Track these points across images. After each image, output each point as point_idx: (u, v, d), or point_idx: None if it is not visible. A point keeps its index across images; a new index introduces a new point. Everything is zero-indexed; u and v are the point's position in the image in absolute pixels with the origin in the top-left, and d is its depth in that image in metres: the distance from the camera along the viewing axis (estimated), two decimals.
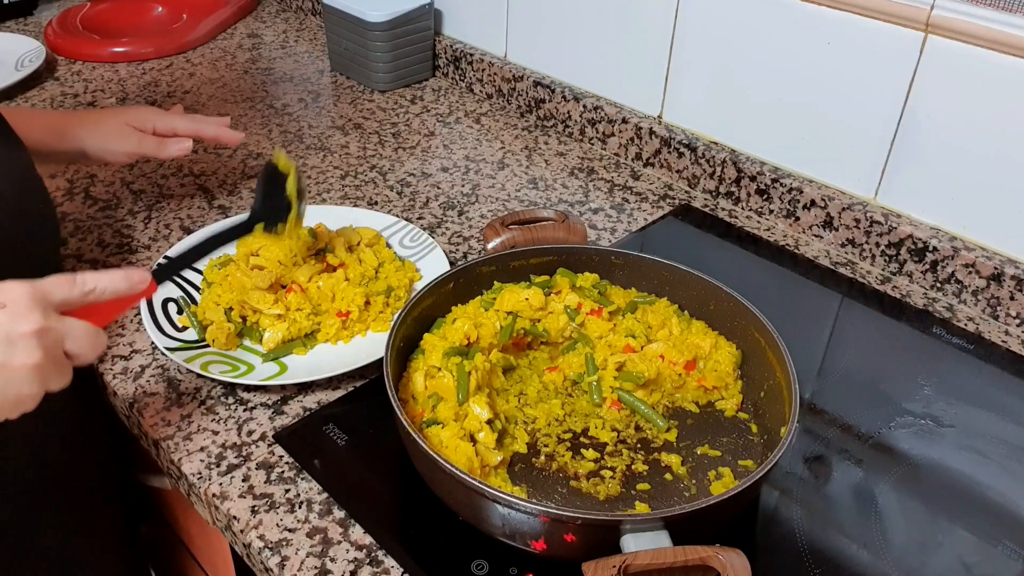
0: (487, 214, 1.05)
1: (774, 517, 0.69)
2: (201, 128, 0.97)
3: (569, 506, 0.66)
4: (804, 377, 0.71)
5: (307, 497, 0.68)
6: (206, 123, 0.98)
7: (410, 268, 0.90)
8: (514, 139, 1.23)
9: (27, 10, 1.59)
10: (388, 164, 1.15)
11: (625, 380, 0.73)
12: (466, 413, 0.68)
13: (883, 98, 0.92)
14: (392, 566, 0.63)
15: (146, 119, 0.95)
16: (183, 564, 1.03)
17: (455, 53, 1.35)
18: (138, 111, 0.96)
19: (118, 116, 0.94)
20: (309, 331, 0.83)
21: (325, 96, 1.33)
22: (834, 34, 0.94)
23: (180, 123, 0.96)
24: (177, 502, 0.92)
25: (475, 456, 0.66)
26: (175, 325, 0.82)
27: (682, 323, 0.79)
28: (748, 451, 0.72)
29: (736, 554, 0.56)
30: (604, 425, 0.72)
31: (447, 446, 0.66)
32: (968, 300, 0.92)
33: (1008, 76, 0.83)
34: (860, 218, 0.97)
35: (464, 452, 0.65)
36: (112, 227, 1.00)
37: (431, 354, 0.74)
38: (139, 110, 0.96)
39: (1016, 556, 0.66)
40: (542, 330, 0.77)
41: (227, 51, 1.47)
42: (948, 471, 0.73)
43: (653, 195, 1.11)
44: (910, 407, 0.79)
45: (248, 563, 0.68)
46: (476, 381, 0.70)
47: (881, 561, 0.65)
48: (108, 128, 0.93)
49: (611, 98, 1.19)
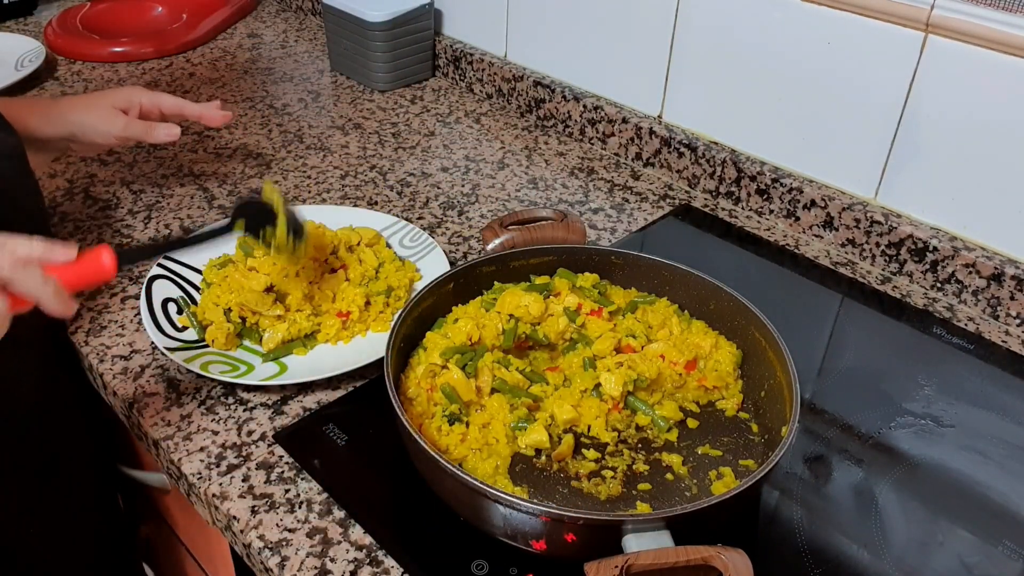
0: (487, 214, 1.05)
1: (775, 517, 0.69)
2: (184, 106, 0.98)
3: (570, 506, 0.66)
4: (804, 377, 0.71)
5: (307, 497, 0.68)
6: (191, 104, 0.99)
7: (410, 268, 0.90)
8: (514, 139, 1.23)
9: (27, 10, 1.59)
10: (388, 164, 1.15)
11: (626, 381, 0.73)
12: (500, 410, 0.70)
13: (883, 98, 0.93)
14: (392, 566, 0.63)
15: (131, 97, 0.95)
16: (183, 564, 1.03)
17: (455, 53, 1.35)
18: (124, 91, 0.96)
19: (106, 98, 0.94)
20: (309, 331, 0.82)
21: (325, 96, 1.33)
22: (834, 34, 0.94)
23: (165, 100, 0.97)
24: (177, 502, 0.92)
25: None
26: (175, 325, 0.82)
27: (682, 323, 0.79)
28: (749, 451, 0.72)
29: (738, 554, 0.56)
30: (606, 425, 0.72)
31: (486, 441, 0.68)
32: (968, 300, 0.92)
33: (1008, 76, 0.83)
34: (860, 218, 0.97)
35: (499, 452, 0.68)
36: (112, 227, 1.00)
37: (432, 352, 0.74)
38: (125, 90, 0.96)
39: (1016, 556, 0.66)
40: (542, 335, 0.77)
41: (227, 51, 1.47)
42: (948, 471, 0.73)
43: (653, 195, 1.11)
44: (910, 407, 0.79)
45: (248, 563, 0.68)
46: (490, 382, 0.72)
47: (881, 561, 0.65)
48: (96, 111, 0.93)
49: (611, 98, 1.19)
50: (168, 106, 0.97)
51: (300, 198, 1.06)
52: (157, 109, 0.97)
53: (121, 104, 0.94)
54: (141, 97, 0.96)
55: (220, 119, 0.99)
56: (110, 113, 0.93)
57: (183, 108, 0.98)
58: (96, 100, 0.94)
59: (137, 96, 0.96)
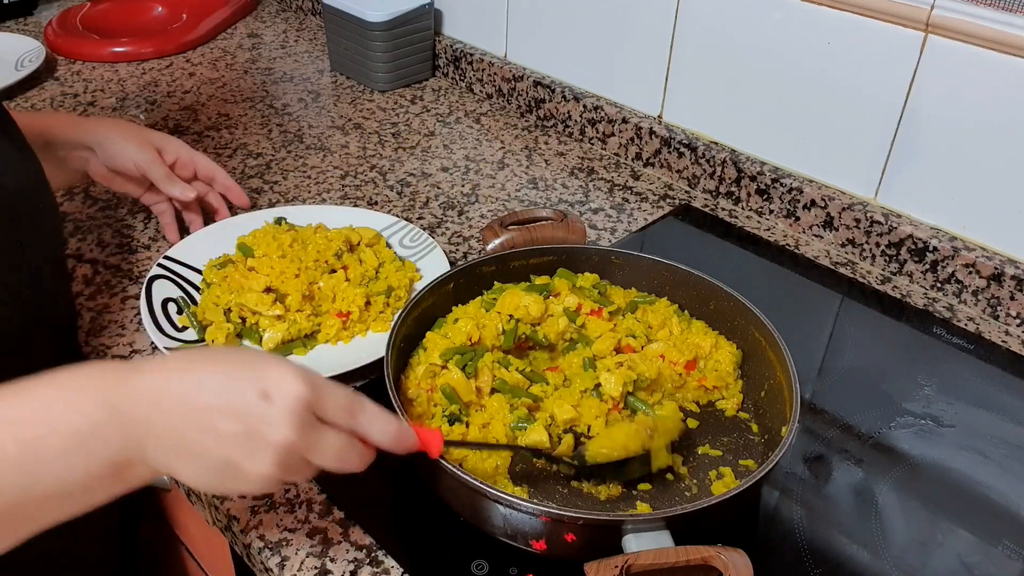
0: (487, 214, 1.05)
1: (775, 517, 0.69)
2: (217, 173, 0.96)
3: (570, 506, 0.66)
4: (804, 377, 0.71)
5: (307, 497, 0.68)
6: (225, 175, 0.97)
7: (410, 268, 0.90)
8: (514, 139, 1.23)
9: (27, 10, 1.59)
10: (388, 164, 1.15)
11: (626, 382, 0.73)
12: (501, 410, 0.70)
13: (883, 98, 0.93)
14: (392, 566, 0.63)
15: (171, 145, 0.94)
16: (183, 564, 1.03)
17: (455, 53, 1.35)
18: (168, 137, 0.95)
19: (146, 132, 0.93)
20: (309, 331, 0.82)
21: (325, 96, 1.33)
22: (834, 34, 0.94)
23: (202, 160, 0.95)
24: (177, 502, 0.92)
25: None
26: (175, 325, 0.82)
27: (682, 323, 0.79)
28: (749, 451, 0.72)
29: (738, 554, 0.56)
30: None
31: None
32: (968, 300, 0.92)
33: (1008, 76, 0.83)
34: (860, 218, 0.97)
35: None
36: (112, 227, 1.00)
37: (432, 352, 0.74)
38: (170, 137, 0.95)
39: (1016, 556, 0.66)
40: (542, 336, 0.77)
41: (227, 51, 1.47)
42: (948, 471, 0.73)
43: (653, 195, 1.11)
44: (910, 407, 0.79)
45: (248, 563, 0.68)
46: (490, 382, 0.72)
47: (881, 561, 0.65)
48: (130, 135, 0.91)
49: (611, 98, 1.19)
50: (203, 167, 0.96)
51: (300, 198, 1.06)
52: (192, 168, 0.95)
53: (158, 143, 0.93)
54: (181, 150, 0.94)
55: (246, 203, 0.98)
56: (144, 143, 0.91)
57: (215, 174, 0.96)
58: (135, 128, 0.93)
59: (177, 147, 0.94)
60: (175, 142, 0.95)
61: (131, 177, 0.92)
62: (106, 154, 0.90)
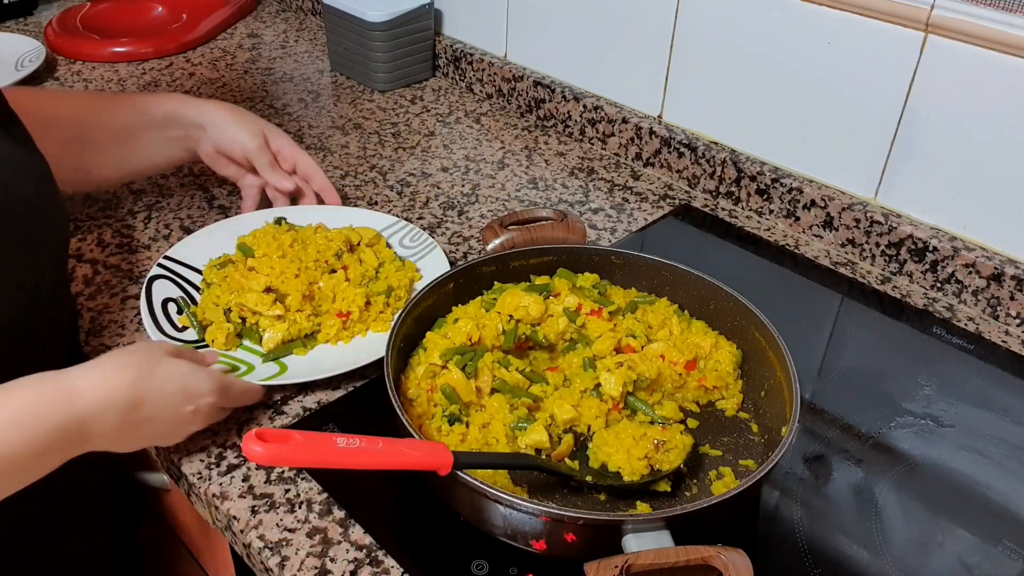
0: (487, 214, 1.05)
1: (775, 517, 0.69)
2: (316, 172, 0.97)
3: (570, 506, 0.66)
4: (804, 377, 0.71)
5: (307, 497, 0.68)
6: (323, 174, 0.97)
7: (410, 268, 0.90)
8: (514, 139, 1.23)
9: (27, 10, 1.59)
10: (388, 164, 1.15)
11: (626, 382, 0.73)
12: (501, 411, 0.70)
13: (883, 98, 0.93)
14: (392, 566, 0.63)
15: (276, 136, 0.95)
16: (183, 564, 1.03)
17: (455, 53, 1.35)
18: (277, 130, 0.96)
19: (256, 121, 0.94)
20: (309, 331, 0.82)
21: (325, 96, 1.33)
22: (834, 34, 0.94)
23: (304, 157, 0.96)
24: (177, 502, 0.92)
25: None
26: (175, 325, 0.82)
27: (682, 323, 0.79)
28: (749, 451, 0.72)
29: (738, 554, 0.56)
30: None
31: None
32: (968, 300, 0.92)
33: (1008, 76, 0.83)
34: (860, 218, 0.97)
35: None
36: (112, 227, 1.00)
37: (432, 352, 0.74)
38: (278, 130, 0.96)
39: (1016, 556, 0.66)
40: (542, 336, 0.77)
41: (227, 51, 1.47)
42: (948, 471, 0.73)
43: (653, 195, 1.11)
44: (910, 407, 0.79)
45: (248, 563, 0.68)
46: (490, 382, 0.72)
47: (881, 561, 0.65)
48: (241, 118, 0.92)
49: (611, 98, 1.19)
50: (303, 164, 0.96)
51: None
52: (292, 163, 0.96)
53: (267, 132, 0.94)
54: (285, 144, 0.95)
55: (337, 202, 0.99)
56: (255, 131, 0.92)
57: (314, 174, 0.97)
58: (246, 113, 0.94)
59: (283, 140, 0.95)
60: (282, 136, 0.96)
61: (234, 160, 0.94)
62: (218, 136, 0.91)
